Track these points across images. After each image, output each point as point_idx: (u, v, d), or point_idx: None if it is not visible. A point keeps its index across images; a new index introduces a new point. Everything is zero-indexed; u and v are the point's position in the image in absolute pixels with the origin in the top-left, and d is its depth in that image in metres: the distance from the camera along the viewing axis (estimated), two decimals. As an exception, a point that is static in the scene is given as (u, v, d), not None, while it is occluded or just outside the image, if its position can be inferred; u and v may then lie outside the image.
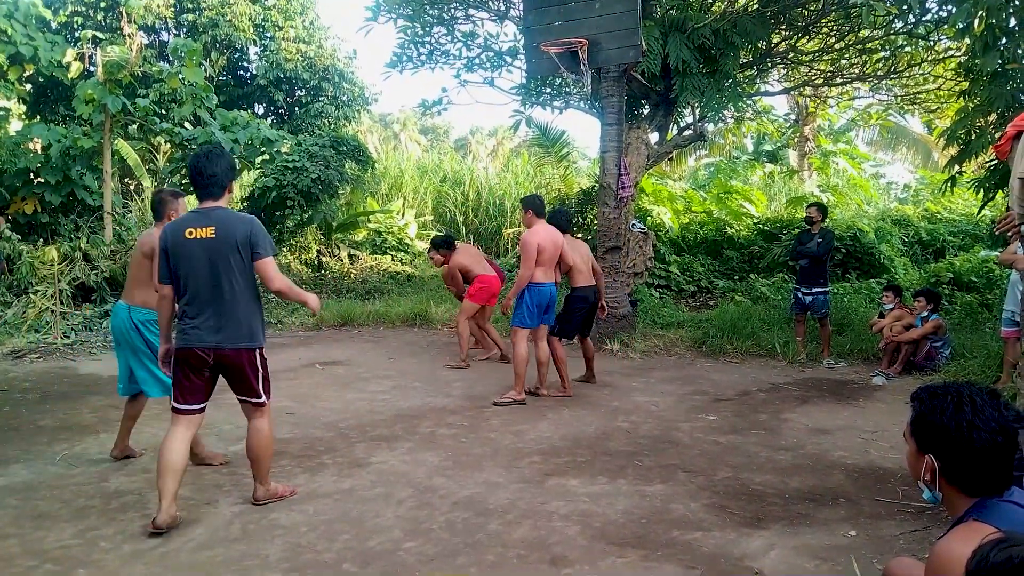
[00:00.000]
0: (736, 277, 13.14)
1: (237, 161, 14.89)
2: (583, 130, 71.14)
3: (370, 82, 35.27)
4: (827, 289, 8.94)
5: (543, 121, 17.18)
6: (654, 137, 11.00)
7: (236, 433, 5.72)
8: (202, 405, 4.14)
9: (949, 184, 9.17)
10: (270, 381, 4.23)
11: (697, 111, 11.37)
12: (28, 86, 15.77)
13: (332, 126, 18.27)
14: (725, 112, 12.25)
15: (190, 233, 3.93)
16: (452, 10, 11.90)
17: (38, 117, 16.34)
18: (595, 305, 7.47)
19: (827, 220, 9.76)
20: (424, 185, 19.43)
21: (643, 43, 8.69)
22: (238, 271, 3.95)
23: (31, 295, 10.31)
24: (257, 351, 4.09)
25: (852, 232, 13.25)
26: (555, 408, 6.71)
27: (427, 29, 12.10)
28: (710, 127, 14.76)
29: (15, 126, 16.24)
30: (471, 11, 11.98)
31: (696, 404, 6.90)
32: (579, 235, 13.87)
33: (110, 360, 8.12)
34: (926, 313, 8.32)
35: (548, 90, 12.93)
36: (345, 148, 14.32)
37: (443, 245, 9.06)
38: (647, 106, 11.49)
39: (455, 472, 4.95)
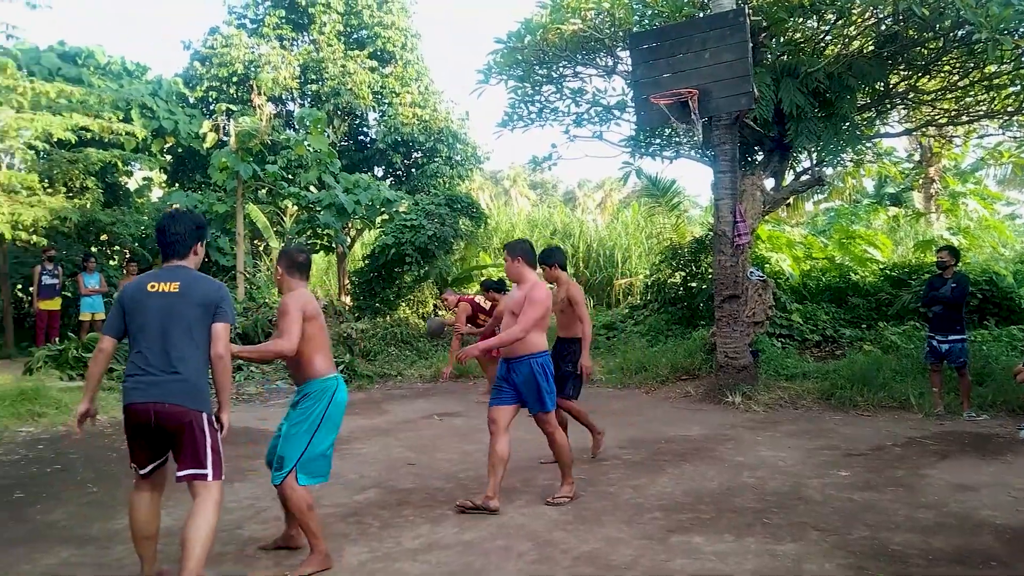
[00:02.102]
0: (864, 325, 12.54)
1: (359, 221, 15.59)
2: (693, 178, 70.66)
3: (482, 141, 36.32)
4: (964, 337, 8.41)
5: (653, 171, 17.23)
6: (769, 183, 10.78)
7: (360, 483, 5.88)
8: (152, 467, 3.83)
9: (1095, 222, 8.55)
10: (222, 457, 3.79)
11: (814, 155, 11.10)
12: (168, 156, 17.07)
13: (447, 185, 18.87)
14: (843, 156, 11.90)
15: (152, 287, 3.74)
16: (561, 69, 12.12)
17: (177, 185, 17.66)
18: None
19: (959, 264, 9.25)
20: (534, 238, 19.69)
21: (755, 90, 8.59)
22: (196, 329, 3.71)
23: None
24: (205, 416, 3.74)
25: (988, 276, 12.50)
26: (675, 462, 6.55)
27: (536, 88, 12.36)
28: (828, 171, 14.33)
29: (156, 194, 17.59)
30: (579, 68, 12.17)
31: (826, 459, 6.58)
32: (692, 284, 13.71)
33: (242, 412, 8.54)
34: (1078, 361, 7.70)
35: (657, 141, 12.94)
36: (459, 206, 14.80)
37: (496, 288, 9.26)
38: (761, 152, 11.31)
39: (575, 526, 4.89)
